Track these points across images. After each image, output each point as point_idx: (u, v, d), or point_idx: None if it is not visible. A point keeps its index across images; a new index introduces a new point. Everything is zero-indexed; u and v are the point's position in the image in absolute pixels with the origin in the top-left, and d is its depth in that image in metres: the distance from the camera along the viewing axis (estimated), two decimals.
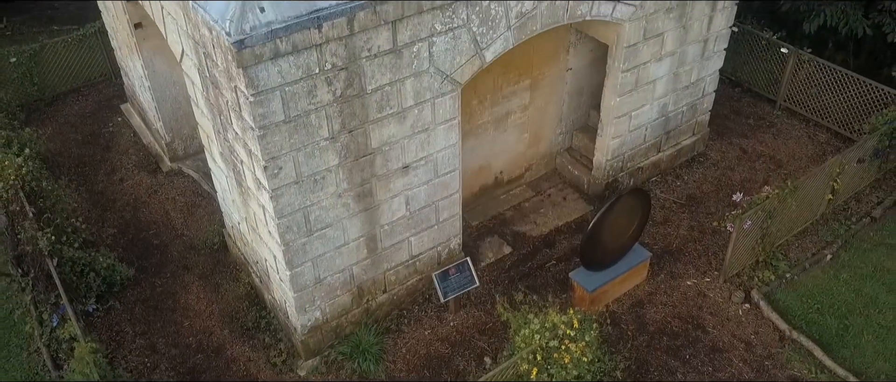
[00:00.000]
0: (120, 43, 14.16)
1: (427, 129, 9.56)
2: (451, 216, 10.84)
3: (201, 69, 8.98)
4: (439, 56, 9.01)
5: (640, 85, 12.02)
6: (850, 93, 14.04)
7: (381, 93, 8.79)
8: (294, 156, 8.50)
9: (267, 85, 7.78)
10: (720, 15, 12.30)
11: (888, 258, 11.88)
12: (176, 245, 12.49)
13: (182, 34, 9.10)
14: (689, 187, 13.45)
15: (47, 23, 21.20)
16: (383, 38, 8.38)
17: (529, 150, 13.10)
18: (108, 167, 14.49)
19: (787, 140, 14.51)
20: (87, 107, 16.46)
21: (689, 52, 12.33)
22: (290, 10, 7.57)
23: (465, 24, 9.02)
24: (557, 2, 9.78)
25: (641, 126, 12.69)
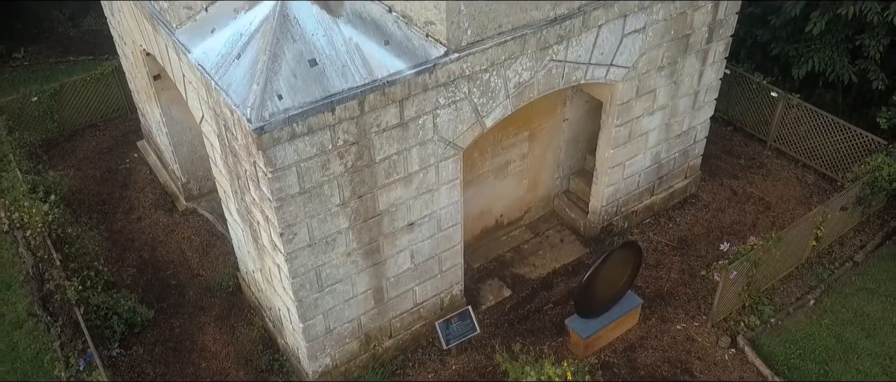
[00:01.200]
0: (138, 87, 14.82)
1: (431, 190, 10.21)
2: (454, 265, 11.49)
3: (220, 137, 9.64)
4: (443, 126, 9.66)
5: (634, 137, 12.66)
6: (836, 137, 14.65)
7: (389, 162, 9.45)
8: (308, 222, 9.16)
9: (284, 162, 8.44)
10: (710, 69, 12.93)
11: (868, 303, 12.50)
12: (192, 285, 13.15)
13: (202, 103, 9.76)
14: (681, 229, 14.08)
15: (63, 53, 21.90)
16: (391, 115, 9.03)
17: (528, 195, 13.74)
18: (127, 205, 15.16)
19: (777, 181, 15.12)
20: (105, 143, 17.13)
21: (681, 104, 12.96)
22: (306, 96, 8.22)
23: (467, 97, 9.67)
24: (553, 71, 10.42)
25: (635, 173, 13.32)
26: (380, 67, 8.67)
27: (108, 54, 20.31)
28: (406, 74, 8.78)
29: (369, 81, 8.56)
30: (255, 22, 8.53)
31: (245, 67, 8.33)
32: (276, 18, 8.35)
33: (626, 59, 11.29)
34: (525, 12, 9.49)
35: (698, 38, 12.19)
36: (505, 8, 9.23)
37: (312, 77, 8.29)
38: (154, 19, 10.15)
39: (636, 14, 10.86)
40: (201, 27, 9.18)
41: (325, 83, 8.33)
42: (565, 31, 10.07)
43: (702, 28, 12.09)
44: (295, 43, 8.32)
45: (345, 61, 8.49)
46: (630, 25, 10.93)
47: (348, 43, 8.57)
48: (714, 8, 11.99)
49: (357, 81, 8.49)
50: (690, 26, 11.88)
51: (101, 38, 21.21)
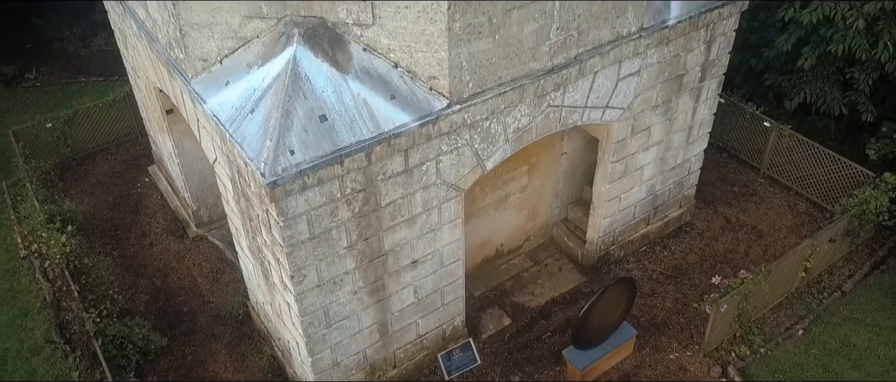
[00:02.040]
0: (150, 117, 15.30)
1: (434, 230, 10.69)
2: (455, 298, 11.97)
3: (234, 180, 10.13)
4: (445, 170, 10.14)
5: (629, 171, 13.12)
6: (826, 167, 15.10)
7: (394, 206, 9.93)
8: (317, 264, 9.64)
9: (295, 212, 8.92)
10: (704, 105, 13.40)
11: (855, 333, 12.96)
12: (204, 312, 13.64)
13: (216, 148, 10.24)
14: (676, 257, 14.54)
15: (74, 73, 22.37)
16: (396, 163, 9.51)
17: (528, 224, 14.22)
18: (139, 231, 15.65)
19: (769, 210, 15.58)
20: (116, 167, 17.62)
21: (675, 139, 13.43)
22: (317, 150, 8.70)
23: (468, 143, 10.15)
24: (551, 116, 10.90)
25: (631, 205, 13.79)
26: (386, 120, 9.15)
27: (119, 75, 20.88)
28: (411, 126, 9.26)
29: (376, 134, 9.04)
30: (268, 78, 9.01)
31: (259, 122, 8.81)
32: (288, 76, 8.83)
33: (621, 100, 11.77)
34: (524, 64, 9.96)
35: (692, 78, 12.66)
36: (504, 61, 9.70)
37: (322, 132, 8.78)
38: (169, 65, 10.63)
39: (631, 59, 11.33)
40: (216, 78, 9.65)
41: (335, 137, 8.81)
42: (562, 79, 10.55)
43: (695, 68, 12.56)
44: (306, 100, 8.80)
45: (353, 116, 8.97)
46: (625, 70, 11.40)
47: (356, 98, 9.05)
48: (706, 49, 12.45)
49: (365, 135, 8.97)
50: (684, 67, 12.34)
51: (112, 58, 21.63)
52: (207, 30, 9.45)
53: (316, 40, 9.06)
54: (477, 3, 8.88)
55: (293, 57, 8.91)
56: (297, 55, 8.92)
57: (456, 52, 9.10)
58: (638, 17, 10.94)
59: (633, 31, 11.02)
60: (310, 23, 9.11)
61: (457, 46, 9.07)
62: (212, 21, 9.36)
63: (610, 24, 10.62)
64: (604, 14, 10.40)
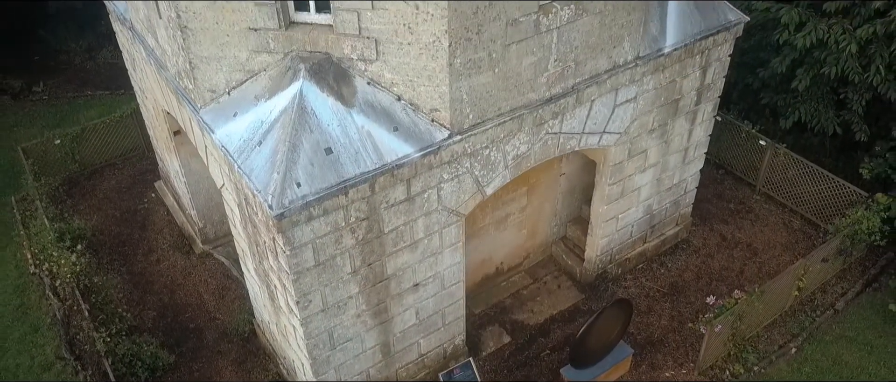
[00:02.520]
0: (157, 136, 15.61)
1: (435, 254, 11.00)
2: (456, 318, 12.28)
3: (241, 206, 10.43)
4: (446, 197, 10.45)
5: (626, 193, 13.42)
6: (820, 186, 15.39)
7: (396, 232, 10.23)
8: (322, 290, 9.95)
9: (301, 241, 9.23)
10: (699, 128, 13.69)
11: (847, 351, 13.26)
12: (210, 329, 13.95)
13: (224, 175, 10.55)
14: (672, 275, 14.84)
15: (81, 86, 22.70)
16: (399, 191, 9.81)
17: (527, 242, 14.52)
18: (146, 247, 15.97)
19: (764, 227, 15.87)
20: (123, 182, 17.93)
21: (671, 160, 13.72)
22: (322, 182, 9.01)
23: (469, 171, 10.46)
24: (549, 142, 11.20)
25: (628, 225, 14.09)
26: (389, 152, 9.46)
27: (125, 89, 21.15)
28: (413, 157, 9.57)
29: (380, 165, 9.34)
30: (275, 111, 9.32)
31: (266, 155, 9.12)
32: (295, 110, 9.14)
33: (617, 126, 12.06)
34: (522, 95, 10.27)
35: (687, 102, 12.95)
36: (504, 93, 10.01)
37: (328, 164, 9.08)
38: (178, 93, 10.93)
39: (627, 86, 11.62)
40: (224, 109, 9.96)
41: (340, 169, 9.12)
42: (560, 107, 10.85)
43: (690, 92, 12.85)
44: (312, 133, 9.11)
45: (357, 148, 9.28)
46: (621, 97, 11.70)
47: (361, 131, 9.36)
48: (702, 74, 12.74)
49: (369, 166, 9.28)
50: (680, 92, 12.64)
51: (118, 71, 21.96)
52: (216, 63, 9.76)
53: (321, 75, 9.36)
54: (477, 40, 9.18)
55: (300, 91, 9.22)
56: (304, 90, 9.22)
57: (457, 85, 9.41)
58: (634, 47, 11.24)
59: (630, 59, 11.31)
60: (316, 58, 9.41)
61: (457, 81, 9.37)
62: (220, 55, 9.67)
63: (606, 54, 10.92)
64: (601, 45, 10.70)
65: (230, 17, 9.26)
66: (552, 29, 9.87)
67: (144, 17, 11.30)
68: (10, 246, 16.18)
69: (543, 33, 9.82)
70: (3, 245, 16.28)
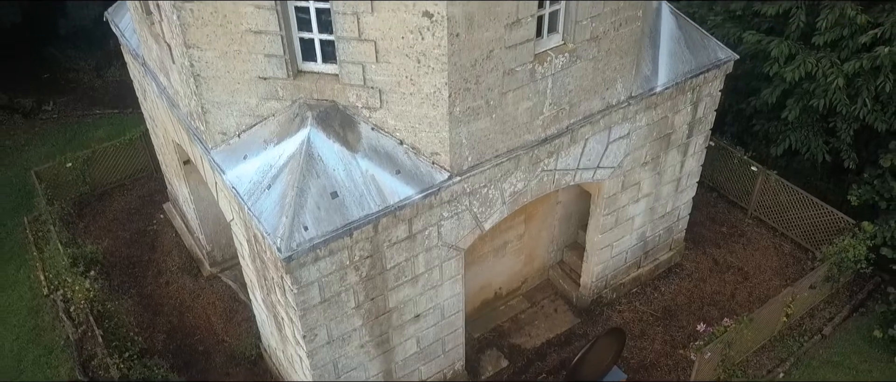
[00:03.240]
0: (166, 162, 16.09)
1: (435, 286, 11.48)
2: (456, 345, 12.76)
3: (249, 242, 10.92)
4: (446, 234, 10.93)
5: (620, 222, 13.90)
6: (810, 212, 15.86)
7: (398, 268, 10.72)
8: (327, 324, 10.44)
9: (308, 280, 9.72)
10: (691, 159, 14.17)
11: (833, 375, 13.74)
12: (218, 352, 14.44)
13: (234, 212, 11.04)
14: (666, 299, 15.31)
15: (90, 105, 23.19)
16: (401, 230, 10.30)
17: (525, 268, 15.00)
18: (155, 269, 16.46)
19: (755, 251, 16.34)
20: (132, 203, 18.42)
21: (664, 190, 14.20)
22: (328, 225, 9.50)
23: (468, 208, 10.94)
24: (545, 179, 11.68)
25: (622, 252, 14.56)
26: (392, 194, 9.94)
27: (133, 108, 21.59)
28: (415, 198, 10.06)
29: (383, 208, 9.83)
30: (284, 157, 9.81)
31: (275, 198, 9.61)
32: (302, 156, 9.63)
33: (611, 161, 12.54)
34: (519, 137, 10.76)
35: (679, 135, 13.43)
36: (501, 136, 10.50)
37: (334, 208, 9.57)
38: (190, 132, 11.42)
39: (621, 124, 12.10)
40: (235, 151, 10.44)
41: (345, 212, 9.61)
42: (555, 147, 11.33)
43: (682, 126, 13.32)
44: (318, 178, 9.60)
45: (362, 191, 9.77)
46: (615, 134, 12.18)
47: (365, 175, 9.85)
48: (693, 109, 13.22)
49: (372, 209, 9.77)
50: (671, 126, 13.11)
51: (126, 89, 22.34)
52: (227, 108, 10.25)
53: (328, 122, 9.85)
54: (475, 89, 9.67)
55: (307, 138, 9.71)
56: (311, 136, 9.71)
57: (456, 131, 9.90)
58: (627, 87, 11.72)
59: (623, 99, 11.79)
60: (323, 106, 9.90)
61: (457, 127, 9.86)
62: (231, 100, 10.16)
63: (600, 96, 11.40)
64: (594, 88, 11.19)
65: (241, 66, 9.75)
66: (547, 76, 10.36)
67: (157, 58, 11.79)
68: (23, 268, 16.69)
69: (538, 80, 10.30)
70: (18, 266, 16.78)
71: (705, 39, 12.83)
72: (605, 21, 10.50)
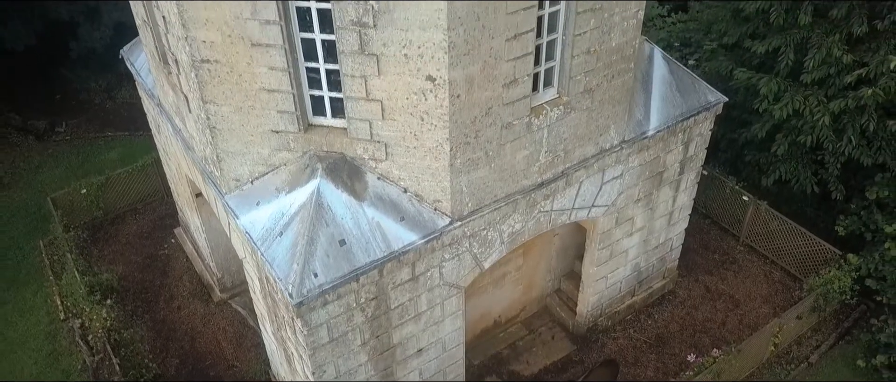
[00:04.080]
0: (179, 193, 16.70)
1: (437, 322, 12.09)
2: (456, 375, 13.37)
3: (262, 281, 11.53)
4: (447, 274, 11.54)
5: (615, 255, 14.50)
6: (798, 242, 16.43)
7: (402, 307, 11.33)
8: (335, 361, 11.05)
9: (317, 322, 10.34)
10: (683, 194, 14.76)
11: None
12: (228, 377, 15.05)
13: (247, 253, 11.65)
14: (659, 326, 15.91)
15: (101, 127, 23.82)
16: (405, 273, 10.91)
17: (523, 297, 15.61)
18: (167, 294, 17.08)
19: (746, 279, 16.92)
20: (144, 227, 19.04)
21: (657, 224, 14.79)
22: (337, 272, 10.11)
23: (468, 250, 11.55)
24: (541, 219, 12.28)
25: (617, 282, 15.16)
26: (396, 240, 10.55)
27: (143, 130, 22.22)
28: (418, 243, 10.66)
29: (388, 254, 10.44)
30: (295, 206, 10.42)
31: (287, 246, 10.22)
32: (312, 206, 10.24)
33: (605, 199, 13.14)
34: (516, 183, 11.36)
35: (671, 173, 14.01)
36: (499, 183, 11.10)
37: (342, 255, 10.19)
38: (205, 175, 12.03)
39: (614, 166, 12.70)
40: (248, 197, 11.05)
41: (352, 259, 10.22)
42: (551, 190, 11.94)
43: (674, 165, 13.91)
44: (327, 227, 10.21)
45: (368, 238, 10.38)
46: (609, 175, 12.77)
47: (371, 222, 10.46)
48: (684, 149, 13.80)
49: (378, 255, 10.38)
50: (664, 165, 13.70)
51: (136, 111, 23.01)
52: (241, 157, 10.86)
53: (336, 172, 10.46)
54: (475, 143, 10.28)
55: (317, 188, 10.32)
56: (321, 187, 10.32)
57: (457, 180, 10.51)
58: (619, 133, 12.32)
59: (616, 144, 12.38)
60: (332, 157, 10.51)
61: (458, 176, 10.47)
62: (245, 151, 10.77)
63: (594, 142, 12.00)
64: (588, 135, 11.78)
65: (255, 120, 10.36)
66: (543, 127, 10.96)
67: (173, 103, 12.40)
68: (40, 293, 17.33)
69: (535, 131, 10.91)
70: (34, 291, 17.42)
71: (696, 83, 13.41)
72: (598, 75, 11.10)
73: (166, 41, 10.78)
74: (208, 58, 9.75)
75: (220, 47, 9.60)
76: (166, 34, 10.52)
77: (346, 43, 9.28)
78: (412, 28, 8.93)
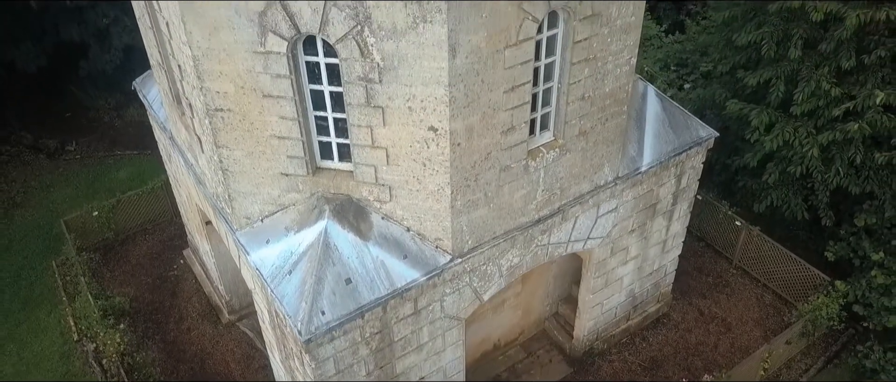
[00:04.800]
0: (189, 218, 17.23)
1: (439, 352, 12.62)
2: None
3: (271, 314, 12.06)
4: (448, 307, 12.07)
5: (610, 282, 15.02)
6: (789, 267, 16.94)
7: (405, 340, 11.86)
8: None
9: (324, 356, 10.87)
10: (676, 223, 15.28)
11: None
12: None
13: (257, 287, 12.18)
14: (653, 349, 16.42)
15: (110, 146, 24.34)
16: (407, 308, 11.44)
17: (522, 321, 16.13)
18: (177, 315, 17.62)
19: (738, 302, 17.43)
20: (154, 248, 19.58)
21: (651, 252, 15.31)
22: (343, 309, 10.64)
23: (469, 284, 12.08)
24: (539, 253, 12.81)
25: (612, 308, 15.68)
26: (400, 278, 11.08)
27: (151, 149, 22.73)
28: (420, 281, 11.19)
29: (391, 291, 10.97)
30: (303, 245, 10.95)
31: (296, 284, 10.75)
32: (320, 246, 10.77)
33: (600, 232, 13.66)
34: (514, 220, 11.89)
35: (664, 205, 14.53)
36: (498, 221, 11.63)
37: (348, 293, 10.72)
38: (216, 210, 12.56)
39: (608, 201, 13.22)
40: (258, 234, 11.59)
41: (358, 297, 10.76)
42: (548, 226, 12.46)
43: (667, 197, 14.43)
44: (334, 266, 10.74)
45: (373, 277, 10.91)
46: (603, 209, 13.30)
47: (376, 261, 10.99)
48: (677, 182, 14.32)
49: (382, 292, 10.91)
50: (657, 198, 14.22)
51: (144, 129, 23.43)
52: (252, 197, 11.40)
53: (343, 214, 10.99)
54: (475, 185, 10.81)
55: (325, 229, 10.85)
56: (328, 228, 10.86)
57: (457, 220, 11.04)
58: (613, 170, 12.84)
59: (610, 180, 12.91)
60: (339, 199, 11.04)
61: (458, 217, 11.00)
62: (256, 191, 11.31)
63: (588, 179, 12.52)
64: (583, 173, 12.31)
65: (265, 164, 10.89)
66: (540, 168, 11.49)
67: (186, 140, 12.94)
68: (53, 313, 17.88)
69: (532, 172, 11.44)
70: (48, 311, 17.97)
71: (688, 119, 13.93)
72: (592, 118, 11.63)
73: (181, 86, 11.32)
74: (222, 106, 10.28)
75: (233, 97, 10.14)
76: (181, 81, 11.05)
77: (354, 96, 9.81)
78: (415, 84, 9.46)
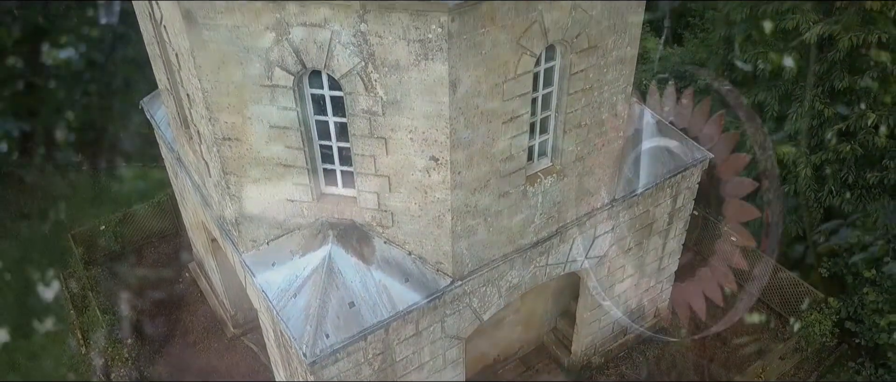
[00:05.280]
0: (195, 234, 17.57)
1: (439, 370, 12.95)
2: None
3: (276, 333, 12.39)
4: (449, 327, 12.40)
5: (607, 299, 15.33)
6: (784, 283, 17.25)
7: (406, 359, 12.19)
8: None
9: (328, 377, 11.19)
10: (672, 241, 15.59)
11: None
12: None
13: (262, 307, 12.51)
14: (649, 363, 16.75)
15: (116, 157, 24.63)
16: (409, 329, 11.77)
17: (521, 336, 16.45)
18: (183, 328, 17.95)
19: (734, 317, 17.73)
20: (160, 260, 19.91)
21: (648, 268, 15.62)
22: (346, 332, 10.97)
23: (469, 305, 12.41)
24: (537, 273, 13.14)
25: (609, 324, 16.00)
26: (401, 301, 11.41)
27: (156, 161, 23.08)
28: (421, 303, 11.52)
29: (393, 314, 11.30)
30: (308, 269, 11.28)
31: (301, 307, 11.08)
32: (324, 270, 11.10)
33: (597, 251, 13.98)
34: (513, 243, 12.21)
35: (661, 224, 14.85)
36: (497, 245, 11.96)
37: (351, 316, 11.05)
38: (222, 231, 12.89)
39: (605, 222, 13.54)
40: (264, 257, 11.91)
41: (361, 320, 11.08)
42: (546, 247, 12.78)
43: (663, 216, 14.75)
44: (338, 290, 11.07)
45: (375, 300, 11.24)
46: (600, 230, 13.62)
47: (378, 285, 11.32)
48: (673, 202, 14.64)
49: (384, 315, 11.24)
50: (653, 217, 14.53)
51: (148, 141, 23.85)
52: (257, 221, 11.72)
53: (347, 238, 11.32)
54: (474, 211, 11.14)
55: (329, 254, 11.19)
56: (332, 253, 11.19)
57: (458, 245, 11.36)
58: (610, 192, 13.16)
59: (607, 202, 13.22)
60: (342, 224, 11.37)
61: (458, 241, 11.32)
62: (262, 216, 11.64)
63: (586, 202, 12.84)
64: (580, 196, 12.63)
65: (271, 190, 11.22)
66: (538, 193, 11.81)
67: (193, 162, 13.27)
68: (62, 326, 18.21)
69: (530, 197, 11.76)
70: (56, 323, 18.31)
71: (683, 140, 14.25)
72: (588, 144, 11.95)
73: (190, 113, 11.65)
74: (230, 135, 10.61)
75: (240, 128, 10.47)
76: (190, 109, 11.39)
77: (358, 127, 10.14)
78: (417, 117, 9.79)
